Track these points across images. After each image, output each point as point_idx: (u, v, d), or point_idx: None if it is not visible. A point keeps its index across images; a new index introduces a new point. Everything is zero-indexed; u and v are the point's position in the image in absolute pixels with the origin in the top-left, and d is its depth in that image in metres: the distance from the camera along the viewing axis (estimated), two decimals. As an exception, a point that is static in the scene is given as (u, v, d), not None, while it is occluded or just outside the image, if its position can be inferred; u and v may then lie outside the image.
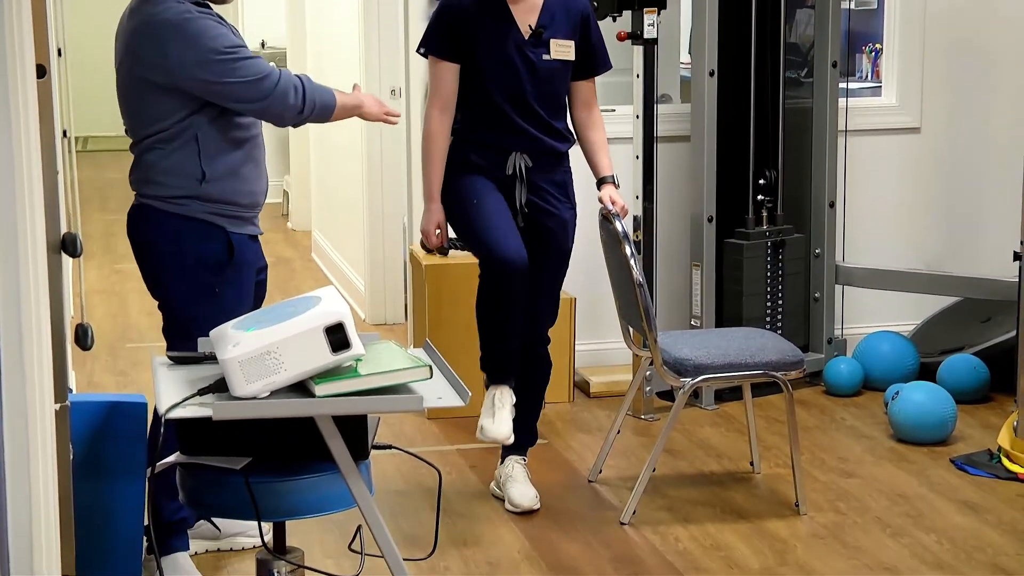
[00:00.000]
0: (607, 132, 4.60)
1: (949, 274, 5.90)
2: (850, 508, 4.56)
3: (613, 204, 4.44)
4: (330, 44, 8.14)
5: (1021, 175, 4.89)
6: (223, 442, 3.03)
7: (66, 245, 2.78)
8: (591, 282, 5.59)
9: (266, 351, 2.86)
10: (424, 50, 4.43)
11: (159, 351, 3.37)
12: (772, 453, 5.03)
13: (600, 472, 4.83)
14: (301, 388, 2.93)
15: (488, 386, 4.43)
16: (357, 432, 3.04)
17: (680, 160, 5.74)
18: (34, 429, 2.43)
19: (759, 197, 5.71)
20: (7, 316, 2.38)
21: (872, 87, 6.51)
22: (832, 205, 5.84)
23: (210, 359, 3.13)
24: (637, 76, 5.41)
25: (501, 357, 4.41)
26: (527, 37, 4.36)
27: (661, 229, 5.61)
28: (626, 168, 5.41)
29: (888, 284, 5.92)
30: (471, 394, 3.03)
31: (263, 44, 10.34)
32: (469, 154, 4.40)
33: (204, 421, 2.89)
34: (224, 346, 2.90)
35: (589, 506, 4.62)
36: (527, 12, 4.38)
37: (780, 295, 5.78)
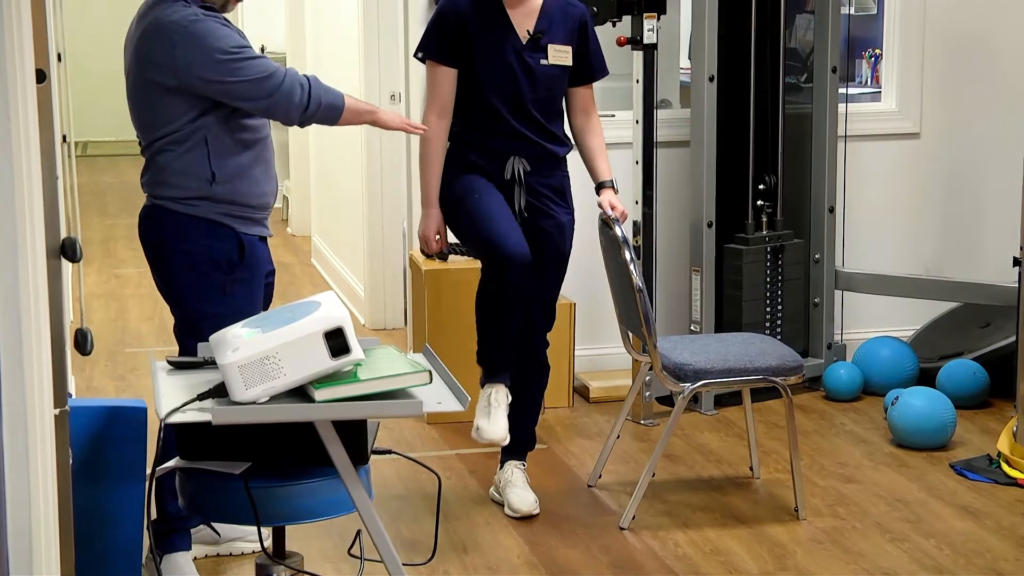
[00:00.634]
0: (607, 137, 4.61)
1: (949, 279, 5.90)
2: (850, 513, 4.56)
3: (613, 209, 4.44)
4: (330, 49, 8.15)
5: (1020, 181, 4.90)
6: (223, 447, 3.03)
7: (66, 250, 2.78)
8: (591, 287, 5.59)
9: (266, 356, 2.86)
10: (422, 55, 4.43)
11: (159, 356, 3.38)
12: (772, 458, 5.03)
13: (600, 477, 4.83)
14: (301, 393, 2.93)
15: (484, 384, 4.41)
16: (357, 437, 3.04)
17: (680, 165, 5.74)
18: (33, 434, 2.43)
19: (759, 202, 5.72)
20: (7, 321, 2.38)
21: (872, 92, 6.52)
22: (832, 210, 5.84)
23: (210, 364, 3.13)
24: (637, 81, 5.41)
25: (498, 351, 4.39)
26: (525, 42, 4.36)
27: (661, 234, 5.61)
28: (626, 173, 5.41)
29: (888, 289, 5.92)
30: (470, 399, 3.03)
31: (263, 49, 10.34)
32: (468, 155, 4.41)
33: (204, 426, 2.89)
34: (224, 351, 2.90)
35: (588, 511, 4.62)
36: (525, 17, 4.38)
37: (780, 300, 5.78)
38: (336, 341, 2.88)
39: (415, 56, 4.48)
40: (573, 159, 4.54)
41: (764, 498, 4.72)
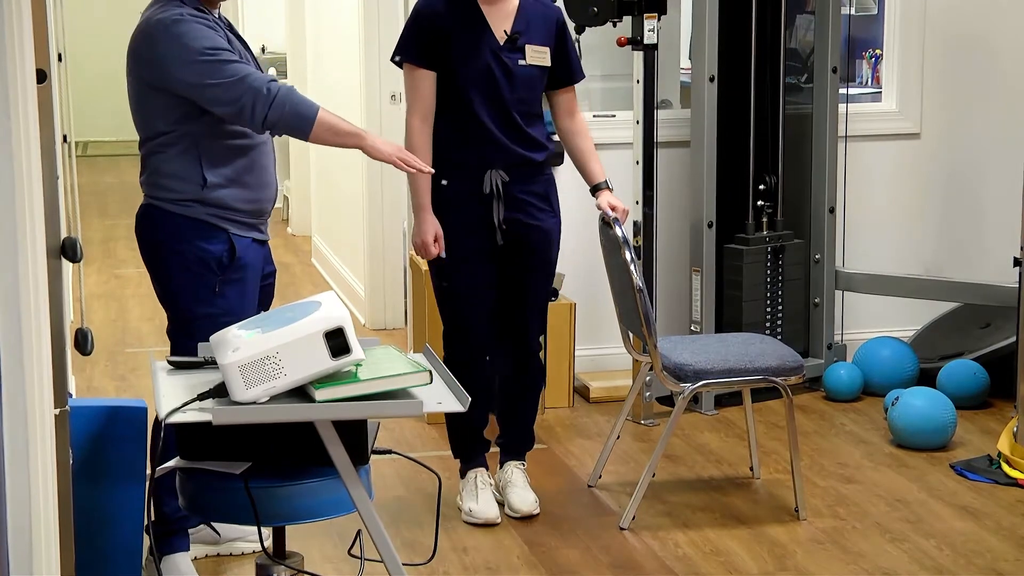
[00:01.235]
0: (607, 138, 4.61)
1: (949, 280, 5.90)
2: (850, 513, 4.56)
3: (614, 210, 4.43)
4: (330, 49, 8.15)
5: (1021, 181, 4.90)
6: (223, 447, 3.03)
7: (66, 250, 2.78)
8: (591, 287, 5.59)
9: (266, 356, 2.86)
10: (400, 58, 4.37)
11: (159, 356, 3.38)
12: (772, 458, 5.03)
13: (600, 477, 4.83)
14: (301, 393, 2.93)
15: (464, 473, 4.57)
16: (357, 437, 3.04)
17: (680, 165, 5.74)
18: (34, 434, 2.44)
19: (759, 202, 5.72)
20: (7, 321, 2.38)
21: (872, 93, 6.51)
22: (832, 211, 5.84)
23: (210, 364, 3.13)
24: (637, 81, 5.41)
25: (470, 439, 4.57)
26: (502, 43, 4.34)
27: (661, 234, 5.61)
28: (626, 173, 5.41)
29: (888, 289, 5.92)
30: (470, 399, 3.03)
31: (263, 49, 10.35)
32: (443, 187, 4.36)
33: (204, 426, 2.89)
34: (224, 351, 2.90)
35: (588, 511, 4.62)
36: (502, 18, 4.35)
37: (780, 300, 5.78)
38: (336, 341, 2.88)
39: (392, 60, 4.41)
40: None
41: (764, 498, 4.72)
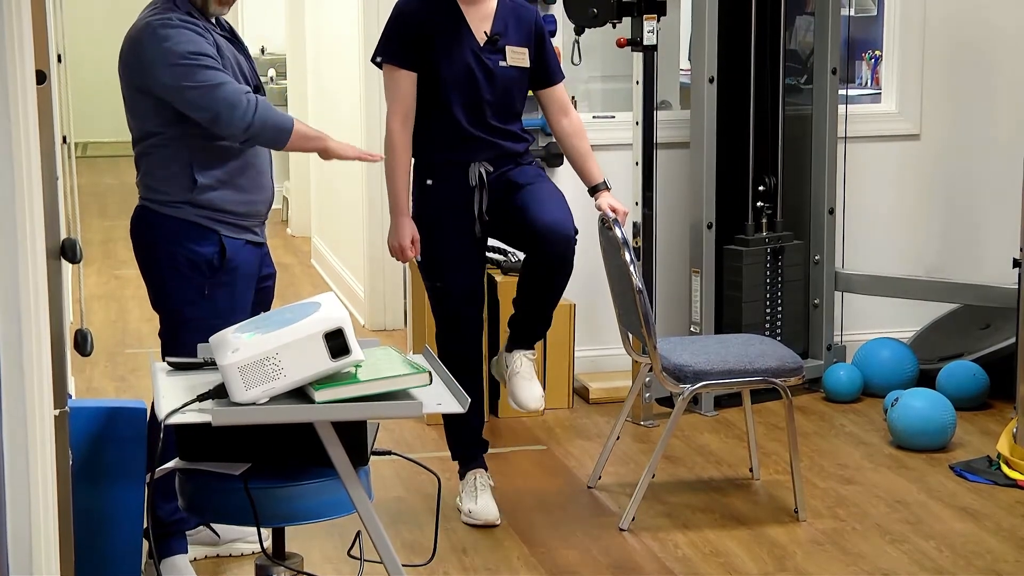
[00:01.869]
0: (607, 139, 4.60)
1: (948, 281, 5.90)
2: (849, 514, 4.56)
3: (614, 211, 4.43)
4: (329, 50, 8.15)
5: (1021, 182, 4.90)
6: (222, 448, 3.03)
7: (66, 251, 2.78)
8: (590, 288, 5.59)
9: (265, 357, 2.86)
10: (380, 59, 4.37)
11: (158, 357, 3.38)
12: (771, 459, 5.03)
13: (599, 478, 4.83)
14: (300, 394, 2.93)
15: (464, 474, 4.56)
16: (356, 438, 3.04)
17: (680, 166, 5.74)
18: (33, 434, 2.43)
19: (759, 204, 5.72)
20: (7, 322, 2.38)
21: (872, 94, 6.51)
22: (832, 212, 5.84)
23: (210, 365, 3.13)
24: (637, 83, 5.41)
25: (468, 440, 4.56)
26: (483, 44, 4.34)
27: (660, 235, 5.61)
28: (626, 174, 5.41)
29: (887, 291, 5.92)
30: (470, 400, 3.03)
31: (263, 50, 10.35)
32: (428, 186, 4.37)
33: (203, 427, 2.89)
34: (223, 352, 2.90)
35: (588, 512, 4.62)
36: (481, 20, 4.35)
37: (779, 301, 5.78)
38: (336, 342, 2.88)
39: (372, 61, 4.40)
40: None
41: (764, 499, 4.71)
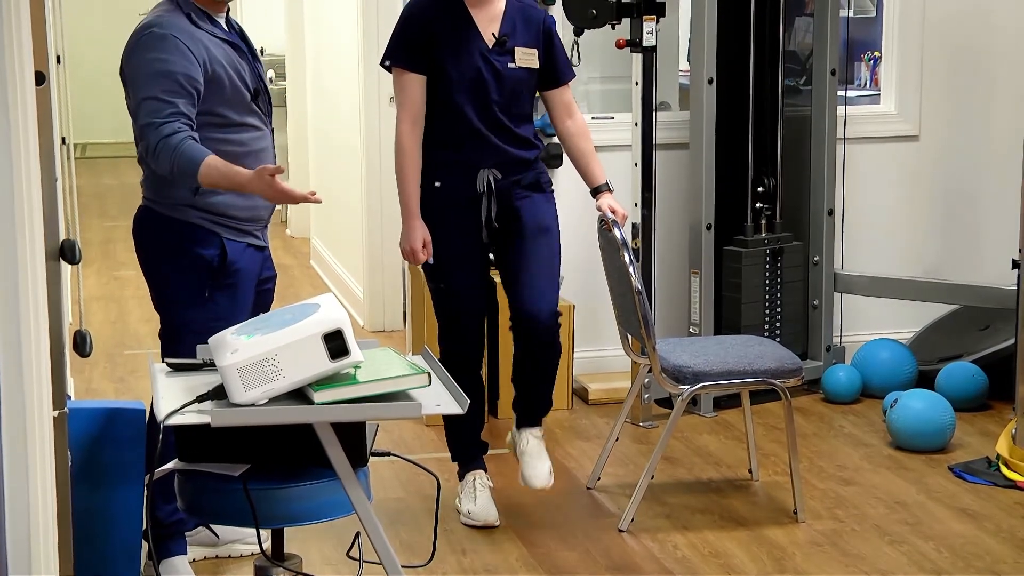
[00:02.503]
0: (606, 140, 4.60)
1: (947, 282, 5.90)
2: (848, 515, 4.56)
3: (614, 213, 4.43)
4: (329, 51, 8.15)
5: (1020, 183, 4.90)
6: (222, 449, 3.03)
7: (65, 252, 2.79)
8: (590, 289, 5.59)
9: (265, 358, 2.86)
10: (389, 63, 4.37)
11: (157, 358, 3.38)
12: (771, 460, 5.03)
13: (599, 479, 4.83)
14: (300, 395, 2.93)
15: (463, 475, 4.56)
16: (356, 439, 3.04)
17: (679, 168, 5.74)
18: (33, 436, 2.44)
19: (758, 205, 5.72)
20: (6, 323, 2.38)
21: (871, 95, 6.52)
22: (831, 213, 5.84)
23: (209, 366, 3.13)
24: (636, 84, 5.41)
25: (468, 441, 4.56)
26: (491, 46, 4.34)
27: (660, 236, 5.61)
28: (625, 176, 5.41)
29: (886, 292, 5.92)
30: (469, 401, 3.03)
31: (262, 51, 10.35)
32: (436, 188, 4.36)
33: (203, 428, 2.89)
34: (223, 353, 2.90)
35: (587, 513, 4.62)
36: (490, 21, 4.35)
37: (779, 303, 5.78)
38: (335, 343, 2.88)
39: (381, 65, 4.40)
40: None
41: (763, 500, 4.72)
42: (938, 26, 6.07)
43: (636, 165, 5.45)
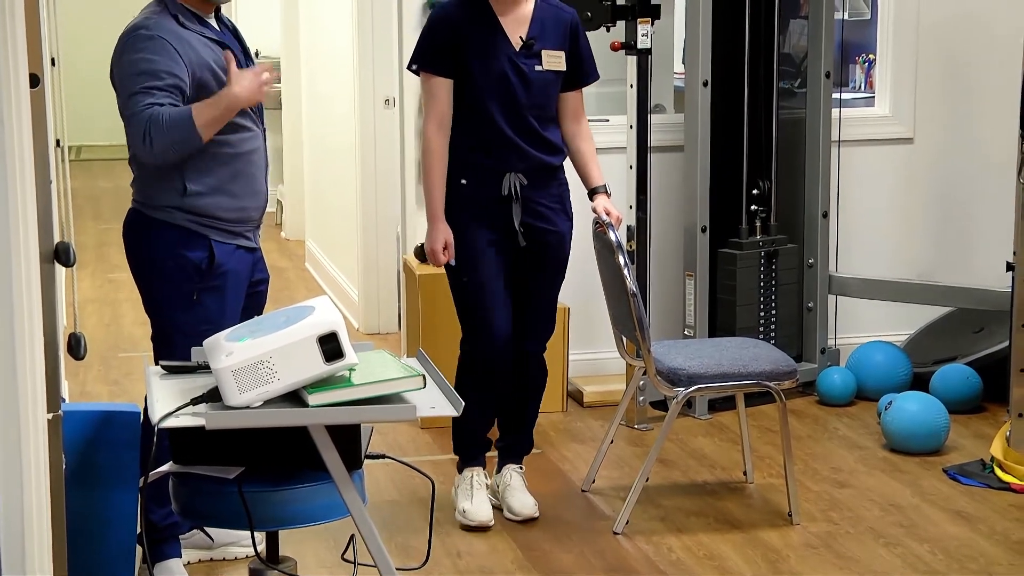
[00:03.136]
0: (601, 142, 4.61)
1: (942, 284, 5.91)
2: (843, 518, 4.57)
3: (608, 215, 4.44)
4: (324, 54, 8.15)
5: (1014, 185, 4.90)
6: (216, 451, 3.03)
7: (59, 254, 2.78)
8: (585, 292, 5.59)
9: (259, 361, 2.86)
10: (416, 67, 4.40)
11: (152, 361, 3.37)
12: (765, 463, 5.03)
13: (593, 482, 4.83)
14: (294, 398, 2.93)
15: (462, 469, 4.58)
16: (350, 441, 3.04)
17: (674, 170, 5.75)
18: (26, 438, 2.43)
19: (752, 207, 5.72)
20: (0, 325, 2.38)
21: (865, 98, 6.52)
22: (825, 215, 5.85)
23: (203, 369, 3.13)
24: (631, 86, 5.41)
25: (475, 436, 4.58)
26: (518, 49, 4.36)
27: (655, 239, 5.62)
28: (619, 178, 5.41)
29: (881, 294, 5.92)
30: (463, 403, 3.03)
31: (256, 53, 10.34)
32: (462, 185, 4.38)
33: (197, 430, 2.89)
34: (217, 355, 2.90)
35: (582, 516, 4.62)
36: (517, 24, 4.37)
37: (773, 305, 5.78)
38: (330, 345, 2.88)
39: (409, 68, 4.44)
40: (566, 165, 4.54)
41: (758, 503, 4.72)
42: (932, 29, 6.08)
43: (631, 168, 5.45)
